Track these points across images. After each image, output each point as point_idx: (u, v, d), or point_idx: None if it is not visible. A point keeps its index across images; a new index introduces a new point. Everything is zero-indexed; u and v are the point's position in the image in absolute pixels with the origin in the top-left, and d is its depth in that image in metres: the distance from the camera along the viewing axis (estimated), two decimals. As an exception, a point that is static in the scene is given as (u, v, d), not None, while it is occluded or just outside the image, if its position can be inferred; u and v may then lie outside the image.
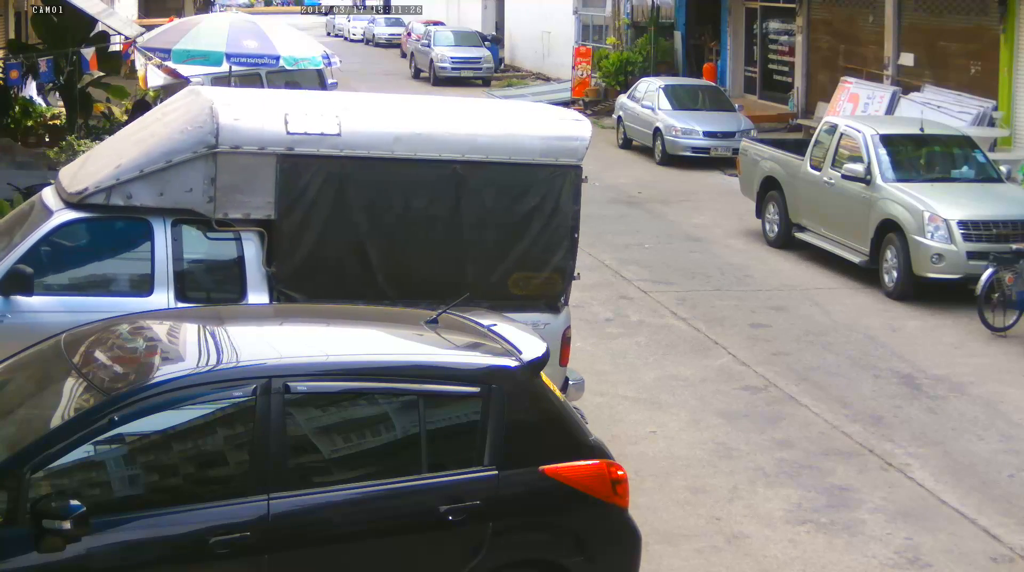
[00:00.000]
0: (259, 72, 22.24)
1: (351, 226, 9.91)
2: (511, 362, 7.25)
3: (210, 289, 9.72)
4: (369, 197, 9.94)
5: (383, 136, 9.98)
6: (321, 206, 9.84)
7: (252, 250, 9.73)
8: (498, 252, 10.17)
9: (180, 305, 9.36)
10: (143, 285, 9.53)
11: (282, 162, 9.71)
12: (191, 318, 7.79)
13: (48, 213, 9.71)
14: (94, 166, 9.99)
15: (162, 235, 9.58)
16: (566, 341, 10.30)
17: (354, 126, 9.93)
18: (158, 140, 9.74)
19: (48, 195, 10.07)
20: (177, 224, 9.64)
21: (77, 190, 9.65)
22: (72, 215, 9.62)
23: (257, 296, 9.64)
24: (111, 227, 9.77)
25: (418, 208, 10.02)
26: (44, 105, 20.30)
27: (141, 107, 18.83)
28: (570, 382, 10.62)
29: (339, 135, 9.83)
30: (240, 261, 9.73)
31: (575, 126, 10.48)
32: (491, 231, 10.15)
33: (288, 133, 9.72)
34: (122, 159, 9.73)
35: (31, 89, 20.66)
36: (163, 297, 9.46)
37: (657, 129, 27.06)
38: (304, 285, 9.78)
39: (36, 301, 9.33)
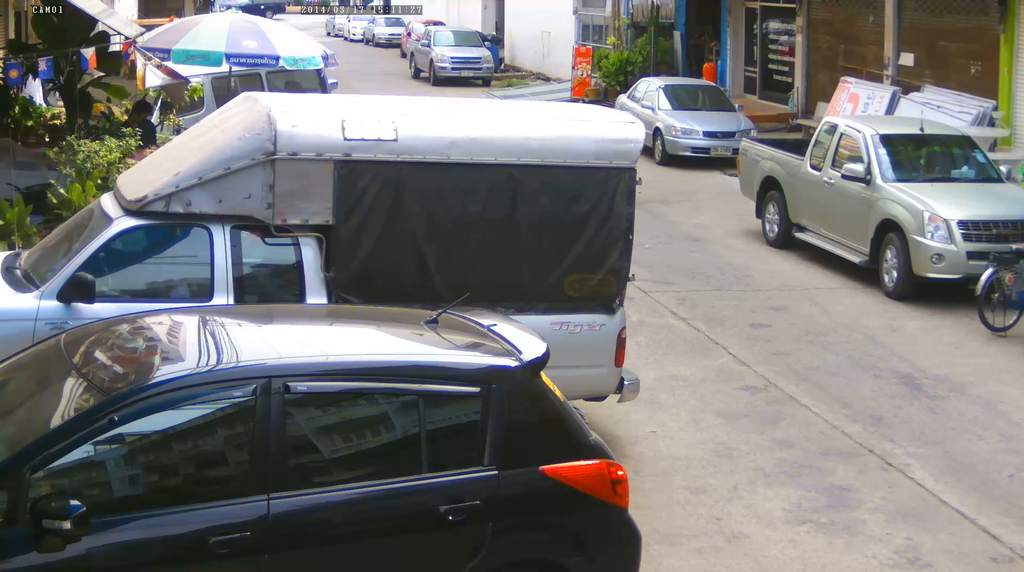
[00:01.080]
0: (259, 72, 22.26)
1: (408, 230, 10.05)
2: (511, 362, 7.25)
3: (269, 294, 9.84)
4: (426, 201, 10.07)
5: (439, 141, 10.12)
6: (378, 211, 9.97)
7: (311, 255, 9.85)
8: (553, 254, 10.31)
9: None
10: (203, 291, 9.65)
11: (340, 168, 9.84)
12: (191, 318, 7.79)
13: (108, 220, 9.81)
14: (153, 173, 10.11)
15: (221, 241, 9.69)
16: (621, 342, 10.49)
17: (410, 131, 10.07)
18: (217, 147, 9.86)
19: (107, 202, 10.20)
20: (236, 230, 9.75)
21: (137, 198, 9.77)
22: (132, 222, 9.73)
23: (316, 301, 9.74)
24: (171, 234, 9.92)
25: (474, 212, 10.17)
26: (46, 106, 20.29)
27: (141, 108, 18.81)
28: (625, 382, 10.78)
29: (396, 140, 9.98)
30: (299, 266, 9.85)
31: (628, 129, 10.62)
32: (546, 233, 10.30)
33: (345, 139, 9.86)
34: (181, 166, 9.85)
35: (36, 92, 20.65)
36: (223, 302, 9.56)
37: (657, 129, 27.07)
38: (362, 290, 9.88)
39: (97, 308, 9.36)
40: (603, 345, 10.44)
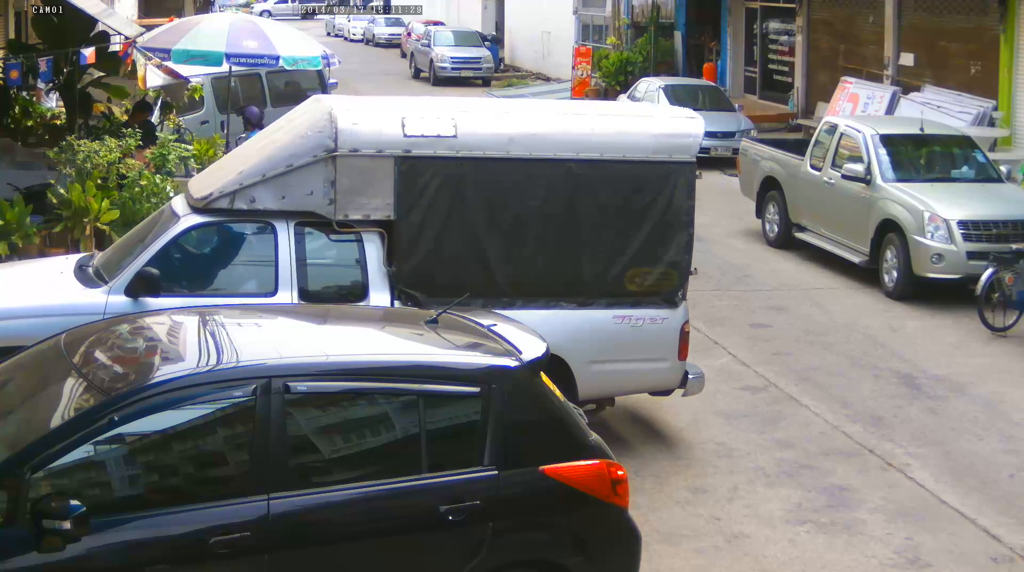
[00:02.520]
0: (259, 72, 22.26)
1: (468, 226, 10.22)
2: (511, 362, 7.25)
3: (332, 289, 10.03)
4: (485, 197, 10.23)
5: (498, 137, 10.27)
6: (439, 206, 10.14)
7: (373, 250, 10.04)
8: (614, 248, 10.43)
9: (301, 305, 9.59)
10: (267, 286, 9.85)
11: (400, 164, 10.03)
12: (191, 318, 7.78)
13: (176, 218, 10.10)
14: (220, 173, 10.37)
15: (285, 237, 9.91)
16: (684, 335, 10.63)
17: (470, 128, 10.24)
18: (280, 146, 10.11)
19: (177, 202, 10.46)
20: (300, 226, 9.97)
21: (203, 195, 10.04)
22: (198, 219, 10.01)
23: (378, 295, 9.96)
24: (236, 230, 10.17)
25: (533, 207, 10.31)
26: (54, 107, 20.28)
27: (142, 108, 18.80)
28: (690, 376, 10.87)
29: (455, 137, 10.14)
30: (362, 261, 10.05)
31: (688, 123, 10.72)
32: (606, 228, 10.42)
33: (405, 136, 10.05)
34: (246, 165, 10.14)
35: (51, 101, 20.65)
36: (287, 297, 9.79)
37: (657, 129, 27.00)
38: (424, 284, 10.07)
39: (163, 302, 9.52)
40: (666, 339, 10.56)
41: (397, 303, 9.96)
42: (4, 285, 10.36)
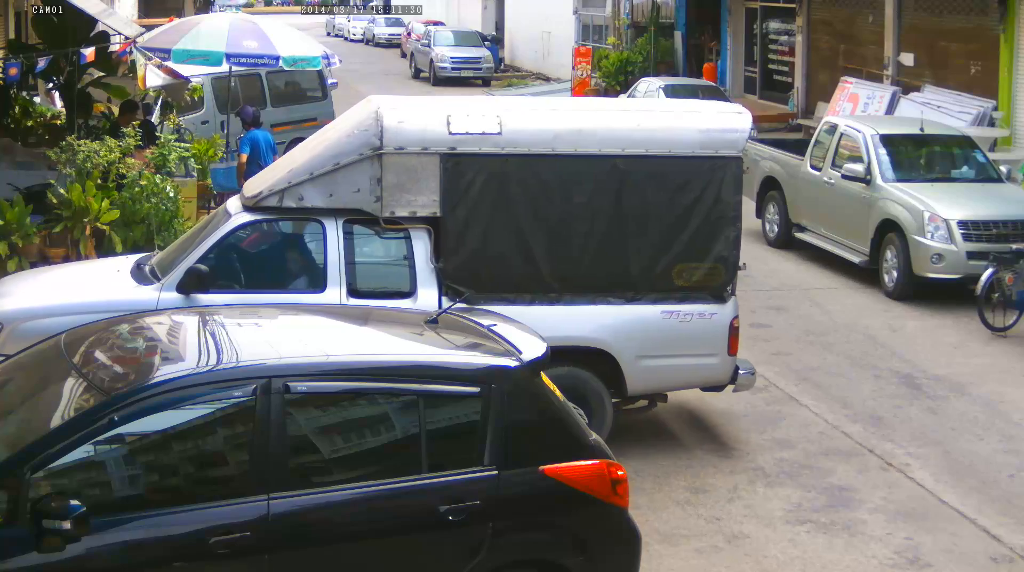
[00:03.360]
0: (259, 72, 22.25)
1: (514, 221, 10.32)
2: (511, 362, 7.25)
3: (380, 285, 10.16)
4: (531, 193, 10.33)
5: (543, 133, 10.36)
6: (484, 203, 10.27)
7: (421, 247, 10.19)
8: (660, 244, 10.48)
9: (351, 301, 9.79)
10: (316, 282, 10.05)
11: (445, 161, 10.17)
12: (191, 318, 7.79)
13: (227, 216, 10.35)
14: (271, 174, 10.57)
15: (334, 234, 10.08)
16: (734, 331, 10.66)
17: (515, 125, 10.34)
18: (327, 144, 10.31)
19: (231, 201, 10.68)
20: (349, 223, 10.14)
21: (253, 194, 10.25)
22: (249, 217, 10.23)
23: (426, 291, 10.09)
24: (285, 228, 10.41)
25: (579, 203, 10.39)
26: (57, 107, 20.28)
27: (129, 108, 18.76)
28: (740, 372, 10.88)
29: (500, 134, 10.26)
30: (409, 258, 10.20)
31: (734, 118, 10.79)
32: (653, 223, 10.47)
33: (450, 133, 10.19)
34: (295, 164, 10.36)
35: (56, 103, 20.64)
36: (335, 293, 9.94)
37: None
38: (471, 280, 10.20)
39: (214, 298, 9.76)
40: (715, 334, 10.59)
41: (444, 299, 10.09)
42: (63, 283, 10.74)
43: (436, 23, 52.28)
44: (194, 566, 6.44)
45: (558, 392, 7.55)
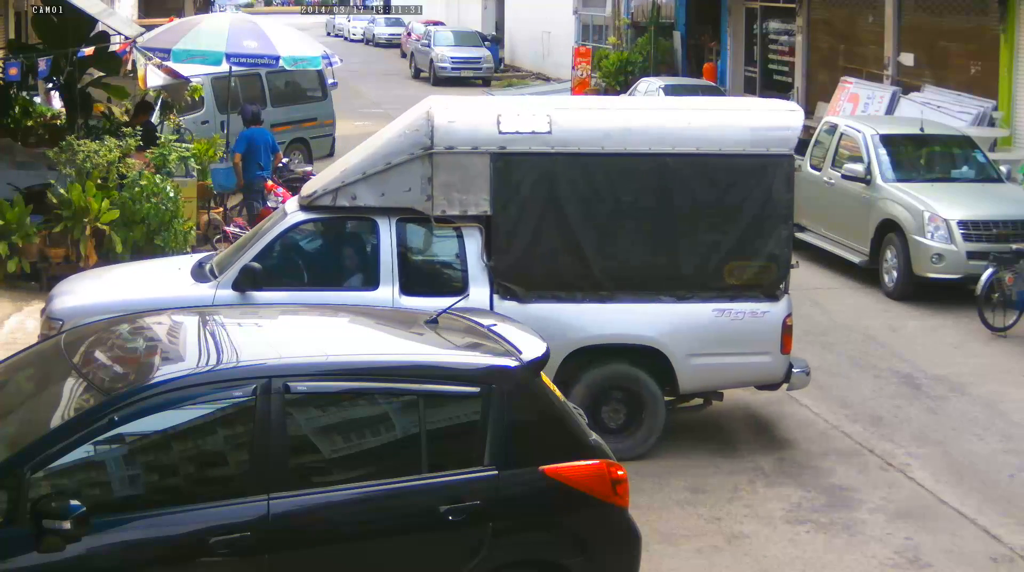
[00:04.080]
0: (259, 72, 22.25)
1: (564, 220, 10.39)
2: (511, 362, 7.25)
3: (433, 283, 10.29)
4: (581, 192, 10.40)
5: (593, 132, 10.44)
6: (534, 201, 10.35)
7: (473, 245, 10.32)
8: (711, 242, 10.51)
9: (404, 299, 9.90)
10: (369, 280, 10.21)
11: (495, 160, 10.28)
12: (191, 318, 7.79)
13: (284, 215, 10.61)
14: (329, 173, 10.72)
15: (387, 232, 10.24)
16: (787, 329, 10.66)
17: (565, 124, 10.42)
18: (380, 144, 10.50)
19: (290, 201, 10.94)
20: (402, 222, 10.29)
21: (308, 193, 10.44)
22: (304, 216, 10.46)
23: (478, 289, 10.20)
24: (339, 226, 10.59)
25: (629, 201, 10.46)
26: (57, 108, 20.28)
27: (144, 109, 18.79)
28: (794, 370, 10.86)
29: (550, 133, 10.33)
30: (461, 256, 10.33)
31: (786, 116, 10.83)
32: (703, 221, 10.51)
33: (500, 132, 10.30)
34: (348, 163, 10.56)
35: (55, 102, 20.64)
36: (388, 291, 10.09)
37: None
38: (522, 278, 10.32)
39: (269, 296, 9.99)
40: (767, 332, 10.60)
41: (496, 297, 10.24)
42: (123, 281, 11.09)
43: (436, 23, 52.29)
44: (194, 566, 6.45)
45: (558, 392, 7.55)
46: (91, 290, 10.71)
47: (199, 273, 10.61)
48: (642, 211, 10.46)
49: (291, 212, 10.52)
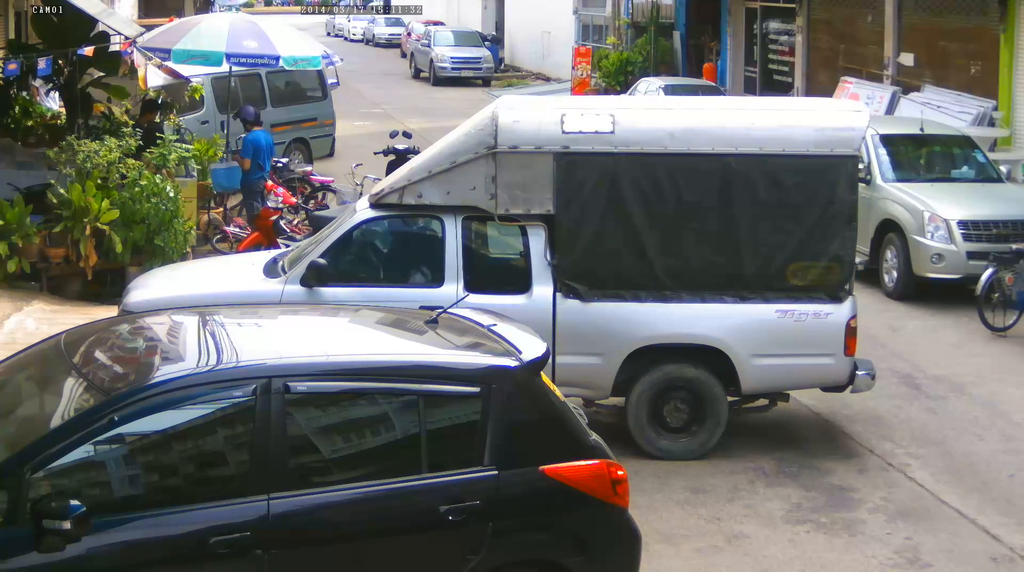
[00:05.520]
0: (259, 72, 22.25)
1: (627, 219, 10.46)
2: (511, 362, 7.24)
3: (497, 281, 10.41)
4: (644, 191, 10.45)
5: (657, 132, 10.50)
6: (597, 201, 10.43)
7: (537, 244, 10.41)
8: (774, 242, 10.52)
9: (469, 296, 9.89)
10: (434, 277, 10.39)
11: (559, 160, 10.36)
12: (191, 318, 7.79)
13: (353, 213, 10.84)
14: (398, 171, 10.85)
15: (453, 230, 10.40)
16: (851, 331, 10.61)
17: (628, 123, 10.49)
18: (446, 143, 10.66)
19: (361, 200, 11.16)
20: (467, 220, 10.45)
21: (376, 191, 10.62)
22: (371, 214, 10.65)
23: (541, 287, 10.35)
24: (406, 224, 10.78)
25: (692, 201, 10.50)
26: (55, 107, 20.28)
27: (151, 108, 18.78)
28: (858, 373, 10.82)
29: (613, 133, 10.40)
30: (526, 254, 10.44)
31: (851, 117, 10.82)
32: (766, 222, 10.52)
33: (564, 132, 10.38)
34: (416, 162, 10.78)
35: (53, 102, 20.64)
36: (452, 289, 10.21)
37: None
38: (585, 277, 10.41)
39: (338, 292, 10.28)
40: (830, 333, 10.57)
41: (559, 296, 10.34)
42: (196, 276, 11.45)
43: (436, 23, 52.28)
44: (194, 566, 6.44)
45: (558, 392, 7.55)
46: (164, 284, 11.02)
47: (271, 269, 10.86)
48: (705, 211, 10.49)
49: (360, 210, 10.72)
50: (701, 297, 10.49)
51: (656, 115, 10.78)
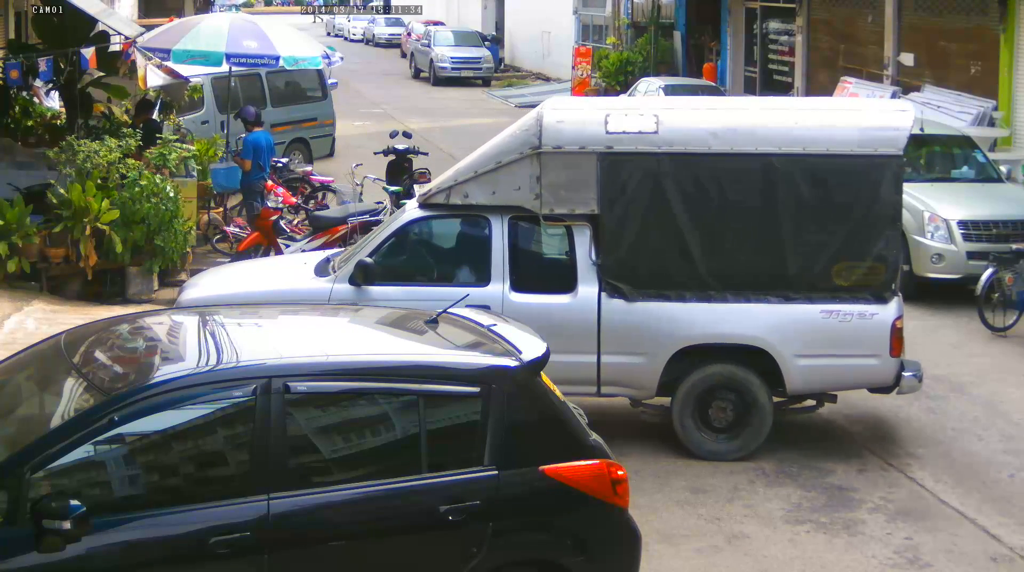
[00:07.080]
0: (259, 72, 22.25)
1: (671, 219, 10.50)
2: (511, 362, 7.24)
3: (542, 281, 10.52)
4: (687, 191, 10.49)
5: (700, 132, 10.53)
6: (641, 201, 10.49)
7: (582, 244, 10.50)
8: (818, 242, 10.52)
9: (514, 296, 10.14)
10: (481, 276, 10.51)
11: (602, 160, 10.43)
12: (191, 318, 7.79)
13: (402, 213, 11.01)
14: (446, 172, 10.96)
15: (499, 230, 10.53)
16: (896, 331, 10.59)
17: (671, 123, 10.53)
18: (492, 144, 10.80)
19: (410, 201, 11.31)
20: (514, 220, 10.54)
21: (424, 192, 10.73)
22: (419, 214, 10.83)
23: (586, 287, 10.44)
24: (453, 223, 10.88)
25: (735, 201, 10.52)
26: (55, 107, 20.28)
27: (145, 108, 18.78)
28: (905, 374, 10.78)
29: (656, 133, 10.45)
30: (571, 254, 10.52)
31: (895, 116, 10.80)
32: (810, 222, 10.52)
33: (607, 132, 10.45)
34: (462, 163, 10.88)
35: (53, 102, 20.64)
36: (499, 288, 10.39)
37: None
38: (629, 277, 10.47)
39: (385, 290, 10.47)
40: (876, 334, 10.56)
41: (604, 295, 10.40)
42: (249, 274, 11.67)
43: (436, 23, 52.30)
44: (194, 566, 6.44)
45: (558, 392, 7.55)
46: (217, 282, 11.30)
47: (322, 268, 11.03)
48: (748, 211, 10.50)
49: (409, 209, 10.83)
50: (745, 297, 10.49)
51: (699, 115, 10.78)
